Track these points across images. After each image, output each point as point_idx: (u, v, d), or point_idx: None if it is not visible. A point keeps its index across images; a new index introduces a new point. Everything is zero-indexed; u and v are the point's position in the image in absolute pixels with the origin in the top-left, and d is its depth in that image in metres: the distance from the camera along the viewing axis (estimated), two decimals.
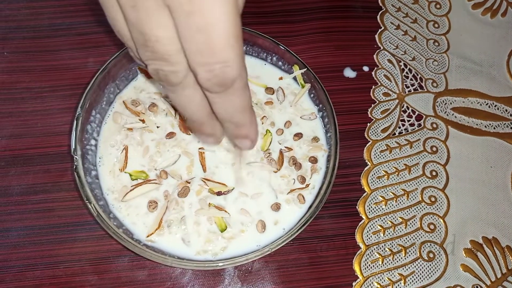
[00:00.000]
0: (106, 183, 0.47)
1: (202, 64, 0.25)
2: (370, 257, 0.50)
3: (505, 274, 0.50)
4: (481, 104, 0.61)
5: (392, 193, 0.54)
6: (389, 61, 0.62)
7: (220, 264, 0.41)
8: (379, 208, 0.52)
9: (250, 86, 0.53)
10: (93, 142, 0.48)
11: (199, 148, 0.49)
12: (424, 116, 0.59)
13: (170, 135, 0.49)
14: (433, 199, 0.54)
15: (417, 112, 0.59)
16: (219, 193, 0.46)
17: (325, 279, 0.49)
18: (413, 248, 0.51)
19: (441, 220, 0.53)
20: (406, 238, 0.51)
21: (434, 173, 0.55)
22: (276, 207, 0.47)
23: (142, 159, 0.48)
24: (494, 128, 0.59)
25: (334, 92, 0.57)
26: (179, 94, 0.29)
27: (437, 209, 0.53)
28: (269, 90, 0.53)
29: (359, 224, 0.51)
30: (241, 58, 0.26)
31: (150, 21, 0.24)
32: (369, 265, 0.49)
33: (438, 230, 0.52)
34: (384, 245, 0.50)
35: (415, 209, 0.53)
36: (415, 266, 0.50)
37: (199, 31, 0.24)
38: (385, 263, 0.50)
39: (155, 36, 0.25)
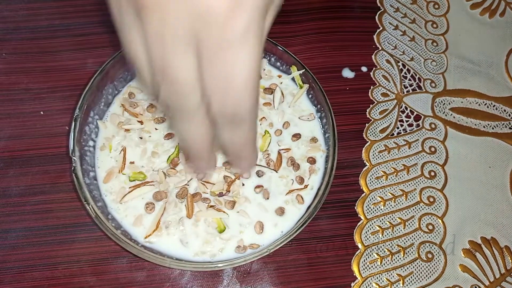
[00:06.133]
0: (104, 184, 0.47)
1: (218, 101, 0.27)
2: (368, 257, 0.50)
3: (504, 274, 0.50)
4: (479, 104, 0.60)
5: (391, 193, 0.54)
6: (388, 61, 0.62)
7: (219, 265, 0.41)
8: (377, 209, 0.52)
9: None
10: (91, 143, 0.48)
11: None
12: (422, 117, 0.59)
13: (169, 136, 0.49)
14: (431, 199, 0.54)
15: (415, 113, 0.59)
16: (220, 195, 0.46)
17: (324, 280, 0.49)
18: (412, 248, 0.51)
19: (440, 220, 0.53)
20: (405, 239, 0.51)
21: (432, 174, 0.55)
22: (281, 211, 0.47)
23: (140, 160, 0.48)
24: (493, 128, 0.59)
25: (332, 93, 0.57)
26: (185, 125, 0.29)
27: (435, 209, 0.53)
28: (268, 90, 0.53)
29: (358, 224, 0.51)
30: (255, 99, 0.27)
31: (174, 59, 0.25)
32: (368, 266, 0.49)
33: (437, 231, 0.52)
34: (383, 245, 0.50)
35: (413, 209, 0.53)
36: (413, 267, 0.50)
37: (222, 75, 0.25)
38: (384, 264, 0.50)
39: (175, 68, 0.25)
